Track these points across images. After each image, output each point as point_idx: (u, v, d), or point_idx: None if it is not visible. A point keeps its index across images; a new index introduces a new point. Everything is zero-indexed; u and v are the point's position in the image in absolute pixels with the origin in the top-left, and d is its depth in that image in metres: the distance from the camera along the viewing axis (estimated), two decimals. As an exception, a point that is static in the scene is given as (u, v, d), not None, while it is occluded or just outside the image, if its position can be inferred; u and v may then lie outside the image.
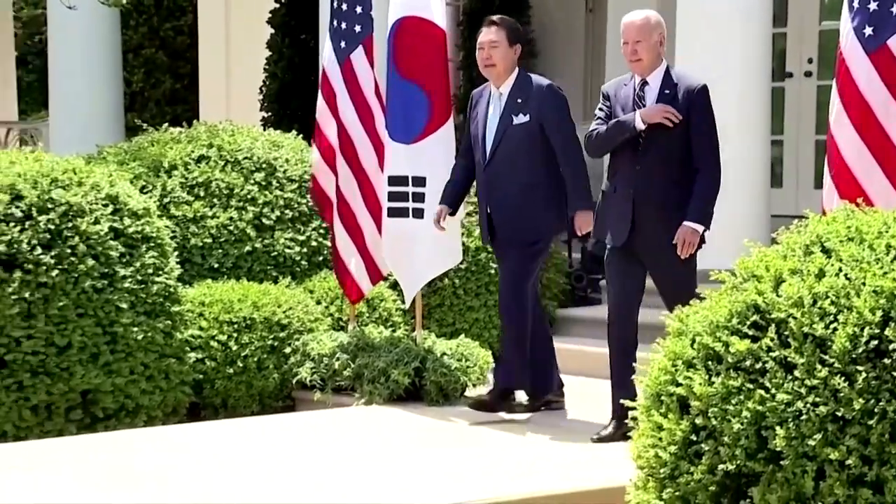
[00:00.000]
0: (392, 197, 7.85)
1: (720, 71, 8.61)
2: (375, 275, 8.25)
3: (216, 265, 8.57)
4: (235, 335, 7.91)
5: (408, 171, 7.79)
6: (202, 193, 8.80)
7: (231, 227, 8.70)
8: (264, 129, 10.36)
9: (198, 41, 16.08)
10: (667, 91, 6.41)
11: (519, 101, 7.04)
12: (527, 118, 6.99)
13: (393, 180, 7.83)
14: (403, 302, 8.37)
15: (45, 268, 7.13)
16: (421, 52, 7.73)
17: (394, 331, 8.38)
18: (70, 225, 7.32)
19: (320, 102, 8.33)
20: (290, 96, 14.02)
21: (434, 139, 7.75)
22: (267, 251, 8.79)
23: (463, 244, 8.15)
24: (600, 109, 6.62)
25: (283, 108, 14.00)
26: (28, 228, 7.19)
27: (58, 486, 5.71)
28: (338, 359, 7.90)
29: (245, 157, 9.08)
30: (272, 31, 14.47)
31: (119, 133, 12.24)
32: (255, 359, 7.94)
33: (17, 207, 7.24)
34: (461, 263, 8.34)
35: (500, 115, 7.08)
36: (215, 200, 8.77)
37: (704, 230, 6.40)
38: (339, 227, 8.20)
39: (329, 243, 8.56)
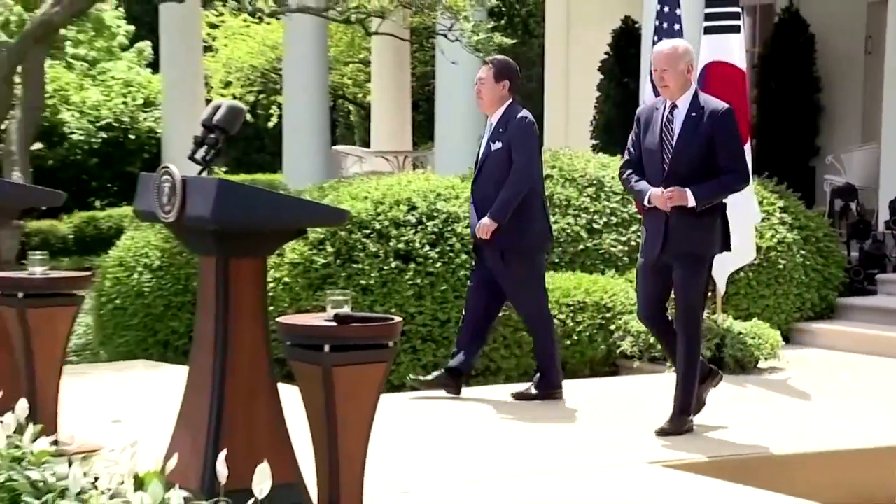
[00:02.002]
0: (699, 206, 7.66)
1: None
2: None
3: (556, 260, 8.52)
4: (572, 314, 7.87)
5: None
6: (547, 204, 8.80)
7: (568, 231, 8.67)
8: (594, 154, 10.31)
9: (544, 86, 16.21)
10: (693, 114, 5.53)
11: (500, 130, 6.44)
12: (500, 145, 6.40)
13: (699, 193, 7.65)
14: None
15: (431, 261, 7.33)
16: (725, 88, 7.52)
17: (698, 313, 8.17)
18: (449, 228, 7.50)
19: (641, 132, 8.20)
20: (614, 128, 13.91)
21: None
22: (596, 249, 8.70)
23: (756, 245, 7.90)
24: (634, 134, 5.75)
25: (609, 137, 13.90)
26: (420, 231, 7.42)
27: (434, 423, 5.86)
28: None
29: (580, 176, 9.03)
30: (601, 76, 14.43)
31: (485, 158, 12.45)
32: (587, 334, 7.87)
33: (412, 215, 7.48)
34: (755, 260, 8.07)
35: (486, 141, 6.54)
36: (556, 210, 8.74)
37: (694, 207, 5.43)
38: (655, 230, 8.07)
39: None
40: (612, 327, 7.99)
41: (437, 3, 9.26)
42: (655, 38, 8.09)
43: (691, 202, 5.41)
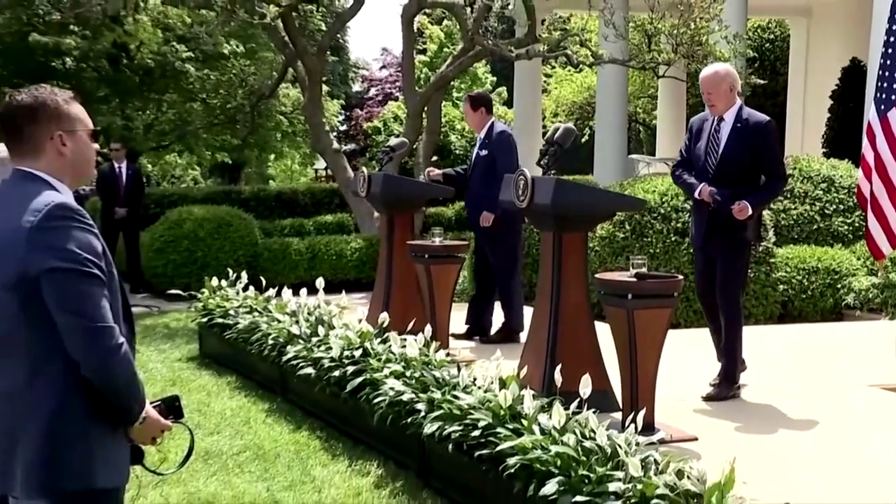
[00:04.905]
0: (909, 197, 6.76)
1: None
2: (893, 242, 7.11)
3: (795, 237, 7.80)
4: (807, 276, 7.17)
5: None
6: (789, 195, 8.05)
7: (805, 215, 7.89)
8: (826, 159, 9.33)
9: (786, 111, 14.88)
10: (738, 125, 4.44)
11: (486, 141, 5.85)
12: (486, 152, 5.81)
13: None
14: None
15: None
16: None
17: (910, 277, 7.19)
18: (714, 213, 7.04)
19: (865, 142, 7.21)
20: (842, 140, 12.54)
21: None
22: (827, 228, 7.85)
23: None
24: (686, 140, 4.65)
25: (837, 147, 12.55)
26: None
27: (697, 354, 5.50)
28: (871, 291, 6.93)
29: (815, 174, 8.17)
30: (832, 102, 13.03)
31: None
32: (819, 290, 7.15)
33: (687, 203, 7.01)
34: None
35: (476, 150, 5.92)
36: (797, 200, 7.95)
37: (749, 216, 4.38)
38: (871, 214, 7.15)
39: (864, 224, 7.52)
40: (839, 286, 7.20)
41: (709, 55, 8.76)
42: (880, 73, 7.14)
43: (750, 211, 4.39)
